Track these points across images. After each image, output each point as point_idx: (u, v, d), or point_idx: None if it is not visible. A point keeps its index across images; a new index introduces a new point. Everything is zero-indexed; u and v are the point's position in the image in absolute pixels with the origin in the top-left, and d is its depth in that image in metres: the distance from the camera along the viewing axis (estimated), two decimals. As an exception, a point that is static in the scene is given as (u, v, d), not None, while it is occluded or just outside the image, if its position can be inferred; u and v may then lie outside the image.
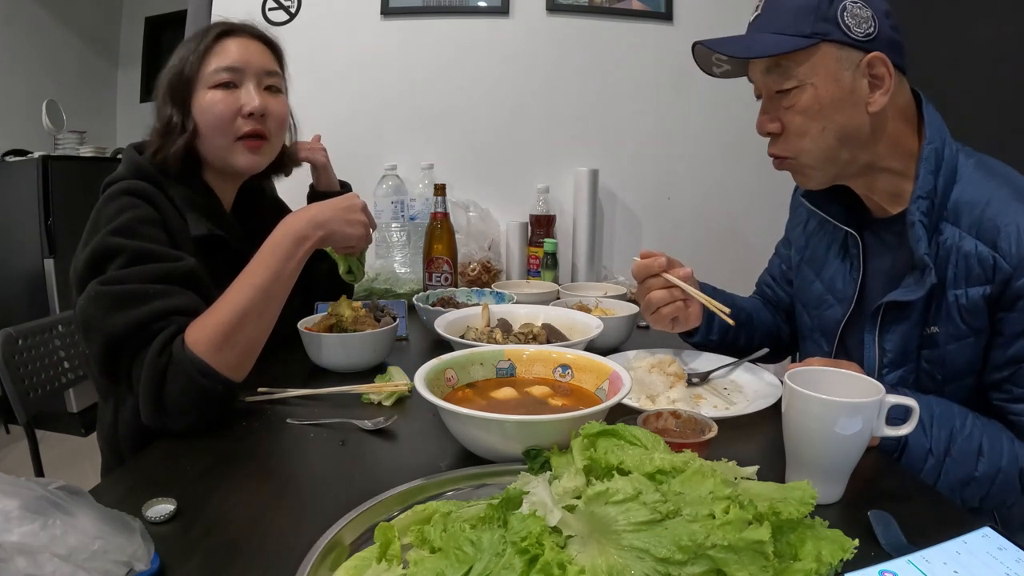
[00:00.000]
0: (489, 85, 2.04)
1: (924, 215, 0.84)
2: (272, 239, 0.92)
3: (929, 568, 0.45)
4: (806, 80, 0.85)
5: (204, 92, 1.02)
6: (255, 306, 0.86)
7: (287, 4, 2.01)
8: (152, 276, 0.86)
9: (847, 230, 1.00)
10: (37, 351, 1.34)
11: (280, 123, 1.10)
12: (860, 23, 0.82)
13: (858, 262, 0.99)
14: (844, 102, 0.85)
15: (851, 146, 0.87)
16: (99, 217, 0.91)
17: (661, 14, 2.01)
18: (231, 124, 1.03)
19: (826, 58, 0.84)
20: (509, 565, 0.44)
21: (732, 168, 2.09)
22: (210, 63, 1.03)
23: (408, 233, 1.90)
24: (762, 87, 0.91)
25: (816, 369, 0.72)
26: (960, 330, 0.83)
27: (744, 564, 0.43)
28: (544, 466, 0.61)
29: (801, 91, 0.86)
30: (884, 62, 0.83)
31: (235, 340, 0.84)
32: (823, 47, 0.83)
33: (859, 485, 0.67)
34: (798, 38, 0.83)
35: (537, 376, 0.87)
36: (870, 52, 0.83)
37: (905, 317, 0.87)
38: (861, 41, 0.83)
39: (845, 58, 0.84)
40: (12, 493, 0.46)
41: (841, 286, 1.02)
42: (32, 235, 2.83)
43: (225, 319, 0.84)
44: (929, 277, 0.82)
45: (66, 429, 2.92)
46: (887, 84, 0.84)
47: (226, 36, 1.05)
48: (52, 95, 3.30)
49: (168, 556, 0.53)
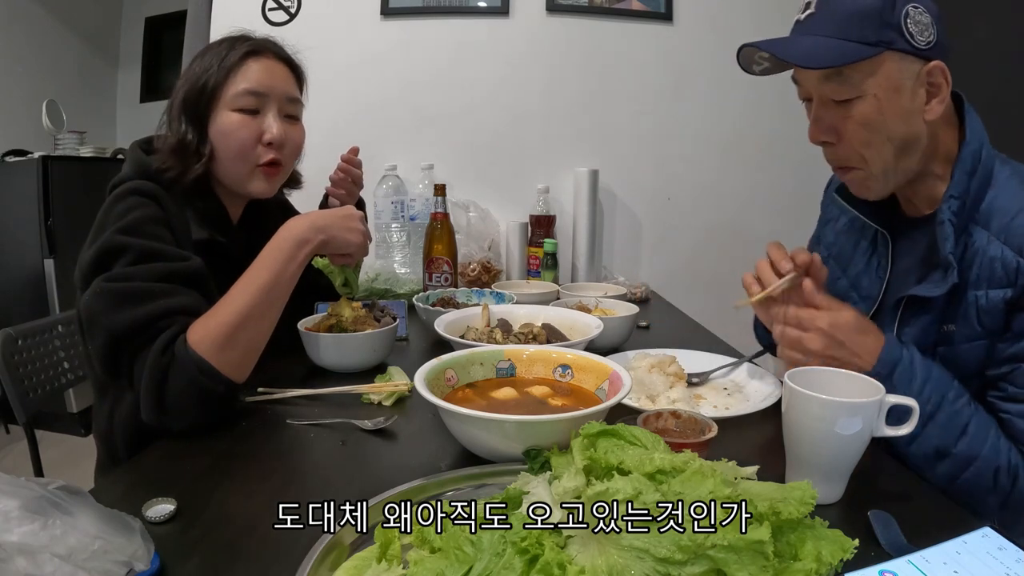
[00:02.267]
0: (489, 85, 2.04)
1: (954, 215, 0.83)
2: (274, 241, 0.92)
3: (929, 568, 0.45)
4: (868, 91, 0.81)
5: (225, 113, 1.01)
6: (257, 307, 0.87)
7: (287, 4, 2.01)
8: (158, 275, 0.86)
9: (877, 228, 0.99)
10: (37, 351, 1.34)
11: (296, 151, 1.10)
12: (922, 30, 0.79)
13: (886, 260, 0.98)
14: (904, 113, 0.82)
15: (911, 154, 0.86)
16: (107, 216, 0.91)
17: (661, 14, 2.01)
18: (252, 151, 1.03)
19: (889, 68, 0.80)
20: (509, 565, 0.44)
21: (732, 168, 2.09)
22: (234, 84, 1.01)
23: (408, 233, 1.90)
24: (815, 93, 0.87)
25: (816, 369, 0.72)
26: (975, 331, 0.83)
27: (744, 564, 0.43)
28: (544, 466, 0.61)
29: (862, 101, 0.82)
30: (943, 71, 0.81)
31: (237, 340, 0.84)
32: (886, 56, 0.79)
33: (859, 485, 0.67)
34: (862, 46, 0.78)
35: (537, 376, 0.87)
36: (931, 61, 0.81)
37: (924, 312, 0.87)
38: (923, 49, 0.80)
39: (907, 68, 0.81)
40: (12, 493, 0.46)
41: (867, 283, 1.02)
42: (32, 235, 2.83)
43: (227, 319, 0.84)
44: (951, 276, 0.81)
45: (66, 429, 2.92)
46: (944, 93, 0.82)
47: (252, 56, 1.03)
48: (52, 95, 3.30)
49: (168, 556, 0.53)
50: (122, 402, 0.96)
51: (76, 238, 2.94)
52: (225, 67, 1.01)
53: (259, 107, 1.03)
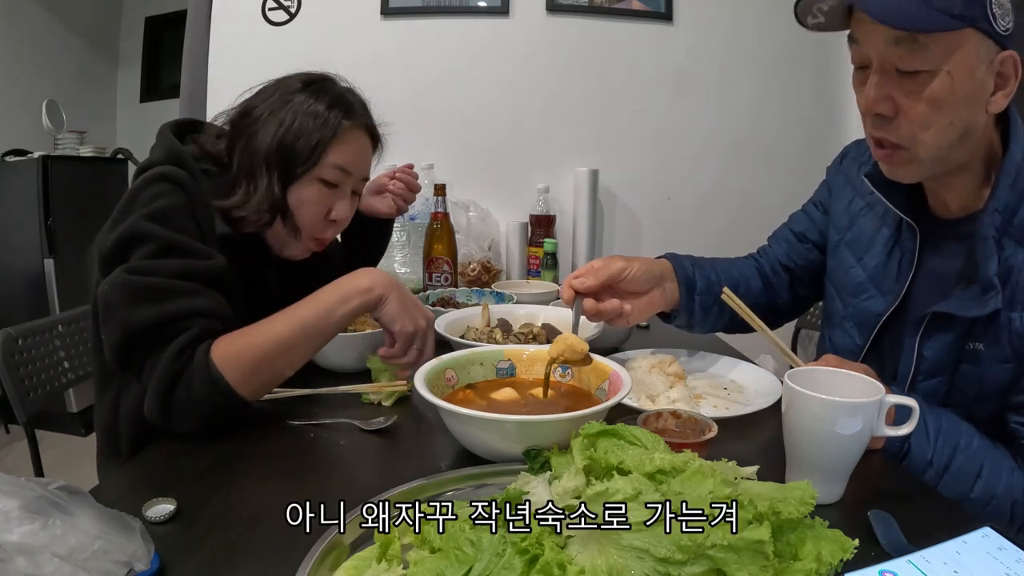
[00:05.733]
0: (489, 85, 2.04)
1: (997, 230, 0.79)
2: (335, 283, 0.89)
3: (929, 568, 0.45)
4: (941, 66, 0.74)
5: (312, 183, 0.97)
6: (294, 340, 0.84)
7: (287, 4, 2.01)
8: (181, 271, 0.84)
9: (905, 220, 0.92)
10: (37, 351, 1.34)
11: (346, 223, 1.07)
12: (1005, 14, 0.75)
13: (912, 257, 0.92)
14: (974, 98, 0.77)
15: (963, 146, 0.80)
16: (133, 199, 0.88)
17: (661, 14, 2.02)
18: (317, 226, 1.01)
19: (968, 46, 0.74)
20: (509, 565, 0.44)
21: (732, 168, 2.10)
22: (331, 155, 0.97)
23: (408, 233, 1.90)
24: (878, 58, 0.78)
25: (816, 369, 0.72)
26: (1004, 353, 0.79)
27: (744, 564, 0.43)
28: (544, 466, 0.61)
29: (934, 77, 0.75)
30: (1015, 62, 0.77)
31: (263, 368, 0.82)
32: (968, 33, 0.73)
33: (859, 485, 0.67)
34: (948, 17, 0.72)
35: (537, 376, 0.87)
36: (1006, 49, 0.76)
37: (951, 328, 0.82)
38: (1001, 35, 0.75)
39: (984, 50, 0.75)
40: (12, 493, 0.46)
41: (887, 278, 0.95)
42: (32, 235, 2.82)
43: (261, 345, 0.82)
44: (995, 300, 0.77)
45: (66, 429, 2.92)
46: (1011, 86, 0.78)
47: (350, 121, 0.99)
48: (52, 95, 3.30)
49: (168, 556, 0.53)
50: (128, 392, 0.95)
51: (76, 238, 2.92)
52: (328, 135, 0.96)
53: (340, 183, 1.00)
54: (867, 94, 0.80)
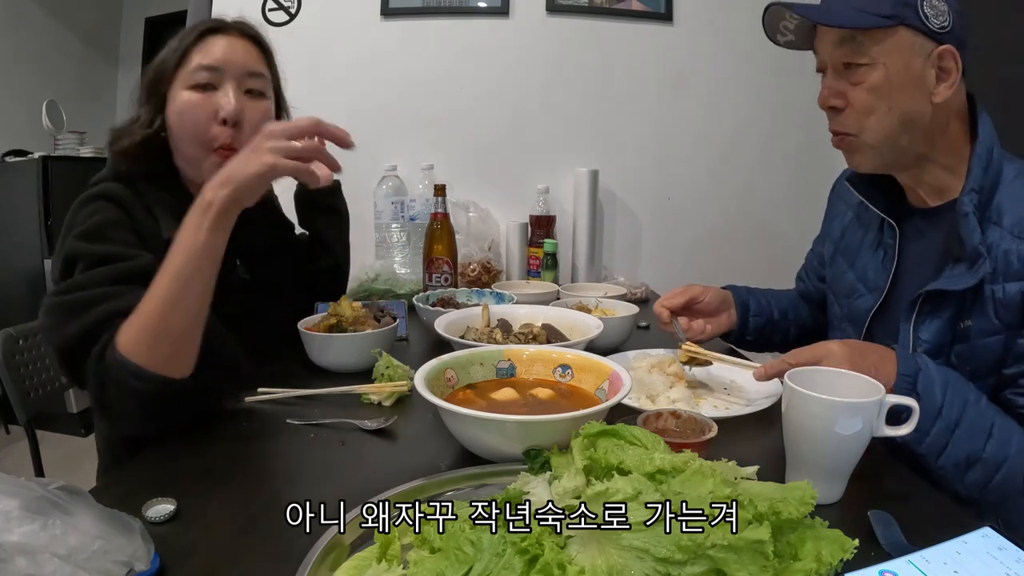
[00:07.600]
0: (489, 85, 2.04)
1: (976, 207, 0.85)
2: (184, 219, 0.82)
3: (929, 568, 0.45)
4: (878, 59, 0.87)
5: (180, 92, 0.97)
6: (173, 293, 0.78)
7: (287, 4, 2.01)
8: (106, 278, 0.83)
9: (885, 219, 1.01)
10: (37, 351, 1.34)
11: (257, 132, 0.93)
12: (937, 15, 0.85)
13: (892, 251, 1.00)
14: (912, 88, 0.87)
15: (911, 132, 0.90)
16: (72, 222, 0.91)
17: (661, 14, 2.01)
18: (206, 132, 0.97)
19: (901, 42, 0.86)
20: (509, 565, 0.44)
21: (732, 168, 2.09)
22: (190, 60, 0.97)
23: (408, 233, 1.90)
24: (829, 59, 0.92)
25: (816, 369, 0.72)
26: (992, 325, 0.84)
27: (744, 564, 0.43)
28: (544, 466, 0.61)
29: (872, 69, 0.88)
30: (954, 56, 0.86)
31: (161, 334, 0.78)
32: (900, 31, 0.86)
33: (859, 485, 0.67)
34: (878, 17, 0.85)
35: (537, 376, 0.87)
36: (942, 44, 0.86)
37: (942, 309, 0.87)
38: (936, 32, 0.85)
39: (919, 45, 0.86)
40: (12, 493, 0.46)
41: (873, 275, 1.03)
42: (32, 235, 2.83)
43: (148, 314, 0.78)
44: (982, 267, 0.82)
45: (66, 429, 2.92)
46: (953, 78, 0.87)
47: (212, 33, 0.99)
48: (52, 96, 3.31)
49: (168, 556, 0.53)
50: None
51: (76, 238, 2.87)
52: (183, 47, 0.98)
53: (215, 82, 0.98)
54: (822, 92, 0.94)
